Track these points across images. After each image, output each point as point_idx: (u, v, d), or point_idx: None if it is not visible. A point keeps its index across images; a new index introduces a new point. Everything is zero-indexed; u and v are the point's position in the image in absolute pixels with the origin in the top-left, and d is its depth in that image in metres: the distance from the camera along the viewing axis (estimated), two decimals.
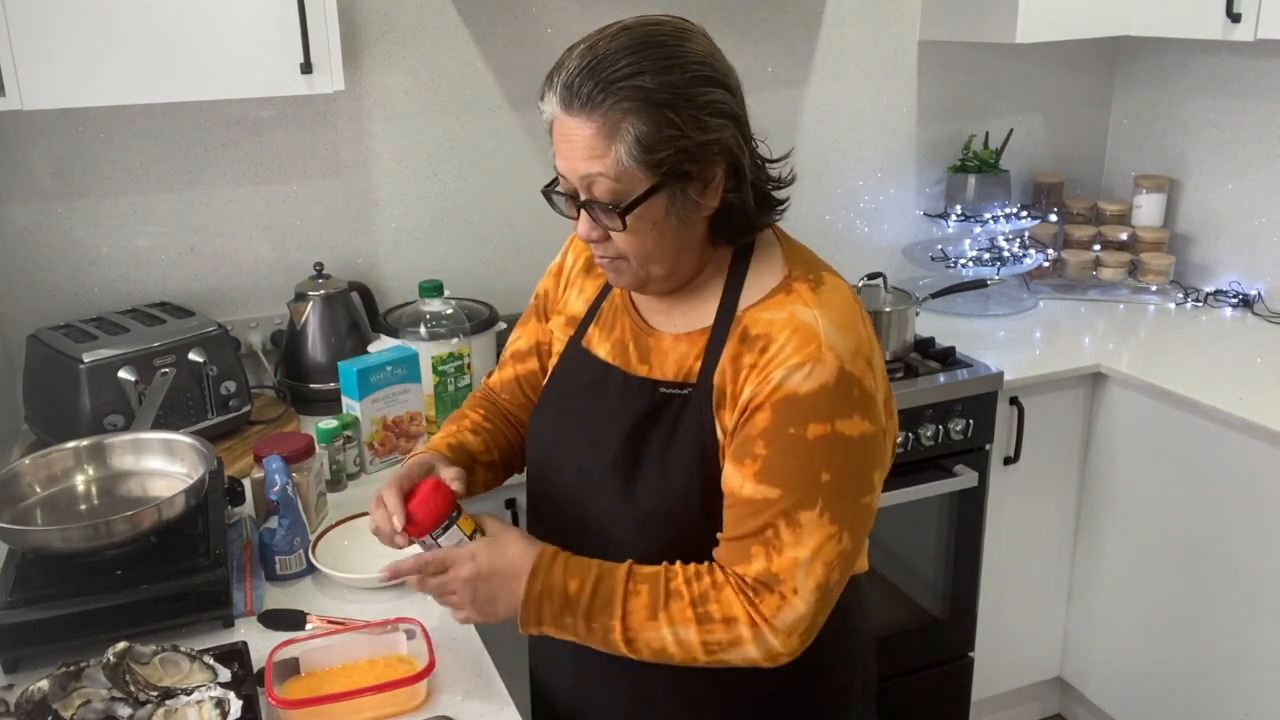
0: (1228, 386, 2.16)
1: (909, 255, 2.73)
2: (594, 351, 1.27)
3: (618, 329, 1.25)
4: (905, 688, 2.40)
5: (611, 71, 1.05)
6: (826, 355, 1.08)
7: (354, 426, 1.83)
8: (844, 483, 1.10)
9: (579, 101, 1.06)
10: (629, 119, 1.05)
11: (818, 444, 1.08)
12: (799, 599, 1.09)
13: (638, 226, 1.10)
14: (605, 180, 1.07)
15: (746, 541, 1.11)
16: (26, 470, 1.49)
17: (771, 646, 1.10)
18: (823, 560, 1.09)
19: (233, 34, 1.75)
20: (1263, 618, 2.09)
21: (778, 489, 1.09)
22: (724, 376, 1.14)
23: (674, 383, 1.18)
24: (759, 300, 1.15)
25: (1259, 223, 2.61)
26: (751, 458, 1.10)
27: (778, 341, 1.11)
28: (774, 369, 1.09)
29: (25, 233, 2.04)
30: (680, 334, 1.19)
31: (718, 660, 1.12)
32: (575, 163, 1.09)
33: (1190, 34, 2.37)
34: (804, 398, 1.08)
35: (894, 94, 2.70)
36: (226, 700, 1.18)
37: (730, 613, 1.10)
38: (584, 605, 1.12)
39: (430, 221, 2.33)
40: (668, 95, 1.05)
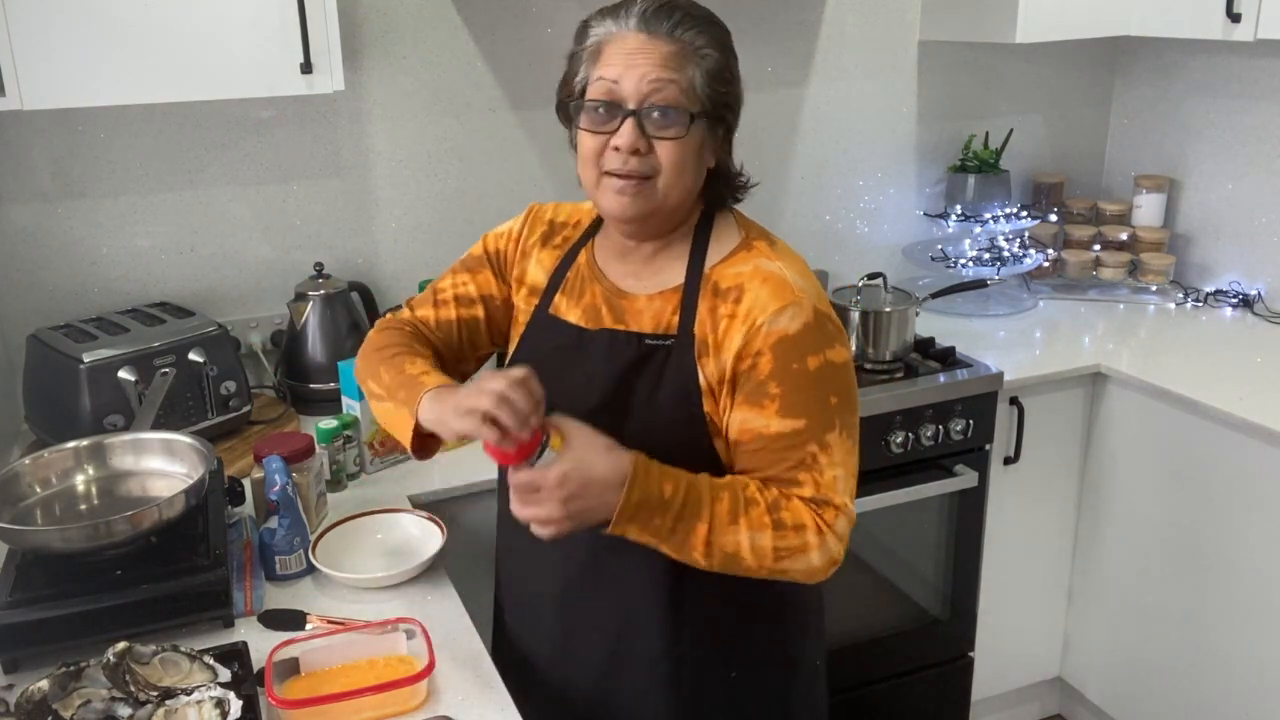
0: (1228, 386, 2.16)
1: (909, 255, 2.73)
2: (564, 318, 1.35)
3: (588, 295, 1.34)
4: (905, 688, 2.40)
5: (693, 12, 1.22)
6: (801, 298, 1.23)
7: (354, 426, 1.83)
8: (845, 402, 1.25)
9: (664, 26, 1.20)
10: (706, 50, 1.21)
11: (818, 373, 1.22)
12: (846, 509, 1.24)
13: (681, 142, 1.21)
14: (674, 89, 1.20)
15: (792, 471, 1.22)
16: (26, 470, 1.49)
17: (833, 553, 1.23)
18: (849, 472, 1.25)
19: (233, 34, 1.75)
20: (1263, 617, 2.09)
21: (802, 419, 1.22)
22: (703, 327, 1.26)
23: (656, 335, 1.28)
24: (723, 259, 1.28)
25: (1259, 223, 2.61)
26: (769, 398, 1.22)
27: (751, 291, 1.24)
28: (758, 317, 1.22)
29: (25, 233, 2.04)
30: (654, 293, 1.30)
31: (781, 569, 1.21)
32: (646, 69, 1.19)
33: (1190, 34, 2.37)
34: (795, 336, 1.22)
35: (894, 94, 2.70)
36: (226, 700, 1.18)
37: (800, 520, 1.21)
38: (676, 508, 1.18)
39: (430, 221, 2.33)
40: (730, 48, 1.25)
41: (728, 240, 1.31)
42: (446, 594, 1.50)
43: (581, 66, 1.25)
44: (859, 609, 2.33)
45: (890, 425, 2.16)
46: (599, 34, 1.23)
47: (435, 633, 1.34)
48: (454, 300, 1.45)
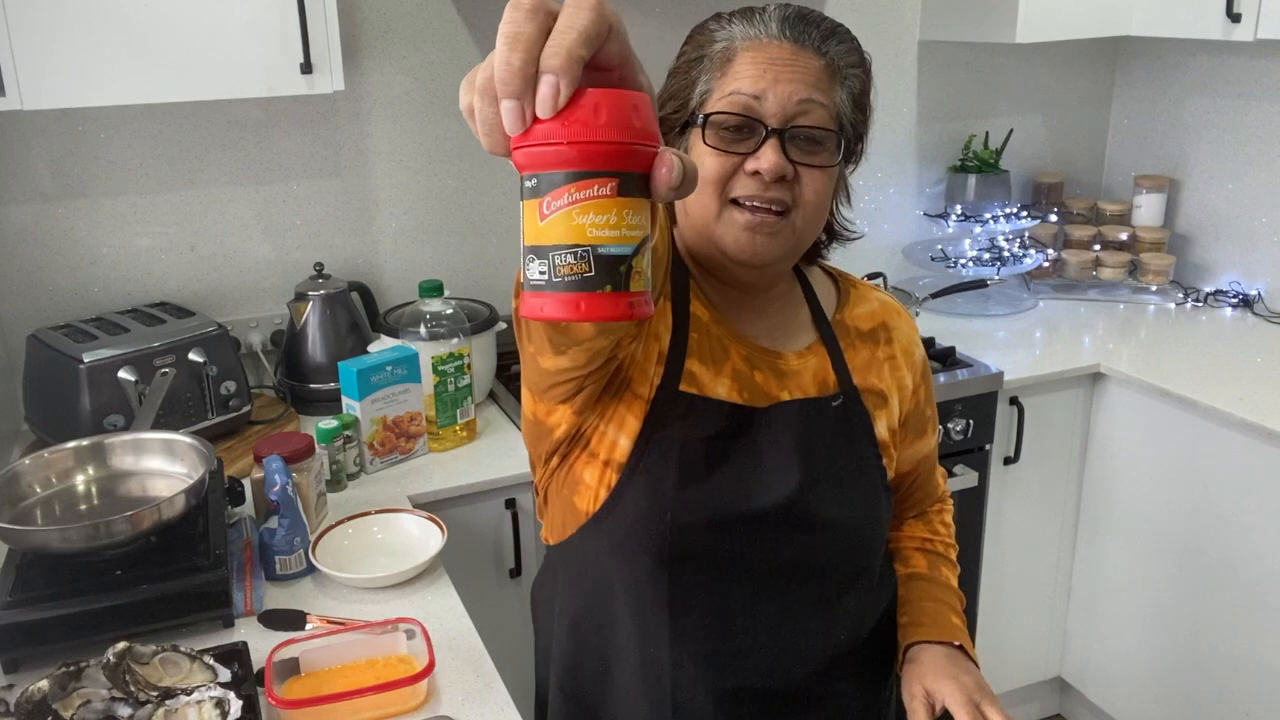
0: (1228, 386, 2.16)
1: (909, 255, 2.73)
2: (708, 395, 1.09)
3: (730, 360, 1.11)
4: None
5: (838, 27, 1.07)
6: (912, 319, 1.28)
7: (354, 426, 1.83)
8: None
9: (813, 37, 1.04)
10: (854, 72, 1.07)
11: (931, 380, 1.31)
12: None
13: (831, 172, 1.06)
14: (824, 112, 1.03)
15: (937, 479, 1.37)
16: (26, 470, 1.49)
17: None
18: None
19: (233, 34, 1.75)
20: (1263, 617, 2.09)
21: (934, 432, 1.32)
22: (871, 377, 1.19)
23: (833, 396, 1.14)
24: (843, 303, 1.22)
25: (1259, 223, 2.61)
26: (930, 422, 1.29)
27: (896, 327, 1.23)
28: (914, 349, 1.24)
29: (25, 233, 2.04)
30: (802, 350, 1.15)
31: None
32: (796, 86, 1.02)
33: (1190, 34, 2.37)
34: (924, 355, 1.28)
35: (894, 94, 2.70)
36: (226, 700, 1.18)
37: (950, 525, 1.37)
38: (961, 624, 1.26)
39: (430, 221, 2.33)
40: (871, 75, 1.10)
41: (824, 282, 1.23)
42: (446, 594, 1.50)
43: (702, 76, 1.06)
44: None
45: None
46: (728, 39, 1.05)
47: (435, 633, 1.34)
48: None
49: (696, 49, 1.08)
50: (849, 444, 1.14)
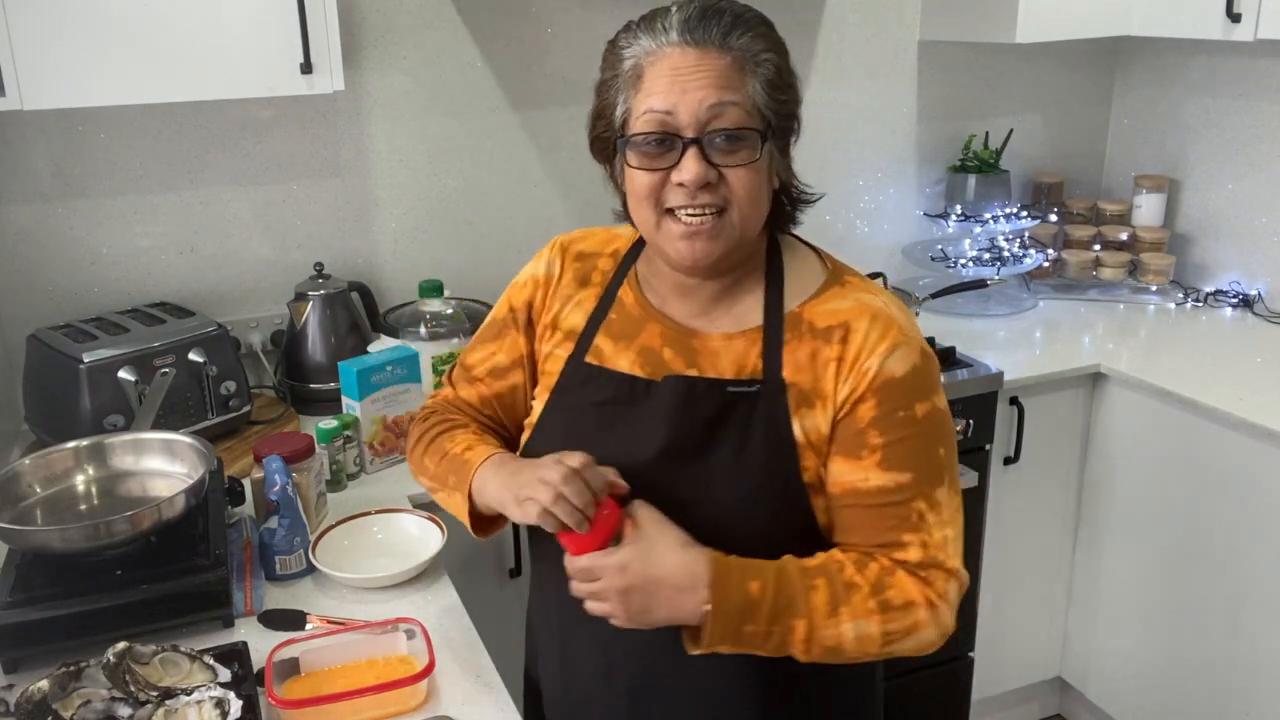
0: (1228, 386, 2.16)
1: (909, 255, 2.73)
2: (610, 366, 1.18)
3: (642, 336, 1.18)
4: (905, 688, 2.40)
5: (743, 14, 1.07)
6: (910, 338, 1.12)
7: (354, 426, 1.83)
8: (951, 454, 1.13)
9: (714, 34, 1.05)
10: (764, 56, 1.06)
11: (926, 422, 1.10)
12: (960, 574, 1.11)
13: (752, 166, 1.07)
14: (737, 110, 1.05)
15: (894, 532, 1.09)
16: (26, 470, 1.49)
17: (945, 624, 1.10)
18: (958, 530, 1.12)
19: (233, 34, 1.75)
20: (1263, 618, 2.09)
21: (908, 472, 1.09)
22: (804, 374, 1.12)
23: (740, 381, 1.13)
24: (814, 295, 1.15)
25: (1259, 223, 2.61)
26: (869, 449, 1.09)
27: (859, 330, 1.11)
28: (868, 359, 1.10)
29: (25, 233, 2.04)
30: (732, 333, 1.15)
31: (888, 651, 1.09)
32: (702, 92, 1.04)
33: (1190, 34, 2.37)
34: (902, 380, 1.10)
35: (894, 94, 2.70)
36: (226, 700, 1.18)
37: (908, 597, 1.07)
38: (767, 608, 1.05)
39: (430, 221, 2.33)
40: (785, 48, 1.09)
41: (810, 272, 1.17)
42: (446, 594, 1.50)
43: (619, 96, 1.09)
44: None
45: None
46: (635, 55, 1.07)
47: (435, 633, 1.34)
48: (488, 375, 1.30)
49: (610, 69, 1.11)
50: (750, 431, 1.11)
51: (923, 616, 1.08)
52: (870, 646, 1.07)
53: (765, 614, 1.05)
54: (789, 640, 1.06)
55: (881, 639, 1.07)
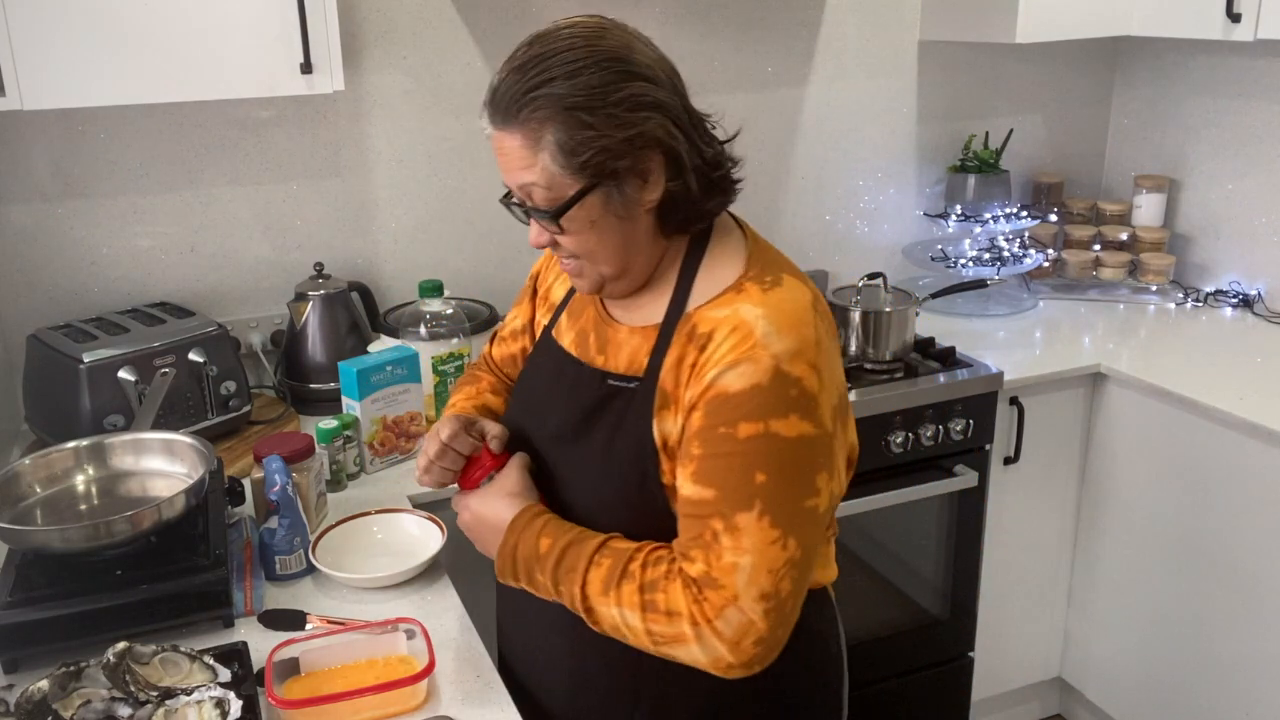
0: (1228, 386, 2.16)
1: (909, 255, 2.73)
2: (559, 340, 1.29)
3: (584, 318, 1.26)
4: (905, 688, 2.40)
5: (524, 82, 1.06)
6: (760, 354, 1.06)
7: (354, 426, 1.83)
8: (783, 484, 1.06)
9: (500, 116, 1.08)
10: (546, 127, 1.06)
11: (749, 444, 1.06)
12: (742, 605, 1.05)
13: (575, 228, 1.11)
14: (538, 189, 1.09)
15: (690, 543, 1.09)
16: (26, 470, 1.49)
17: (717, 652, 1.06)
18: (766, 568, 1.05)
19: (233, 34, 1.75)
20: (1263, 618, 2.09)
21: (712, 489, 1.07)
22: (669, 377, 1.13)
23: (622, 376, 1.18)
24: (710, 299, 1.13)
25: (1259, 223, 2.61)
26: (689, 458, 1.09)
27: (716, 339, 1.09)
28: (708, 368, 1.08)
29: (25, 233, 2.04)
30: (636, 327, 1.19)
31: (665, 653, 1.10)
32: (511, 174, 1.11)
33: (1190, 34, 2.37)
34: (734, 396, 1.06)
35: (894, 94, 2.70)
36: (226, 700, 1.18)
37: (675, 607, 1.07)
38: (551, 565, 1.14)
39: (430, 221, 2.33)
40: (580, 98, 1.05)
41: (724, 274, 1.15)
42: (446, 594, 1.50)
43: None
44: (859, 609, 2.33)
45: (890, 425, 2.16)
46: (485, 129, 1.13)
47: (435, 633, 1.34)
48: (509, 336, 1.45)
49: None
50: (621, 426, 1.15)
51: (687, 631, 1.06)
52: (639, 639, 1.10)
53: (549, 569, 1.14)
54: (575, 603, 1.13)
55: (647, 635, 1.09)
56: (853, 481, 2.15)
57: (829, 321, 1.15)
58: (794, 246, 2.69)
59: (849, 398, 1.21)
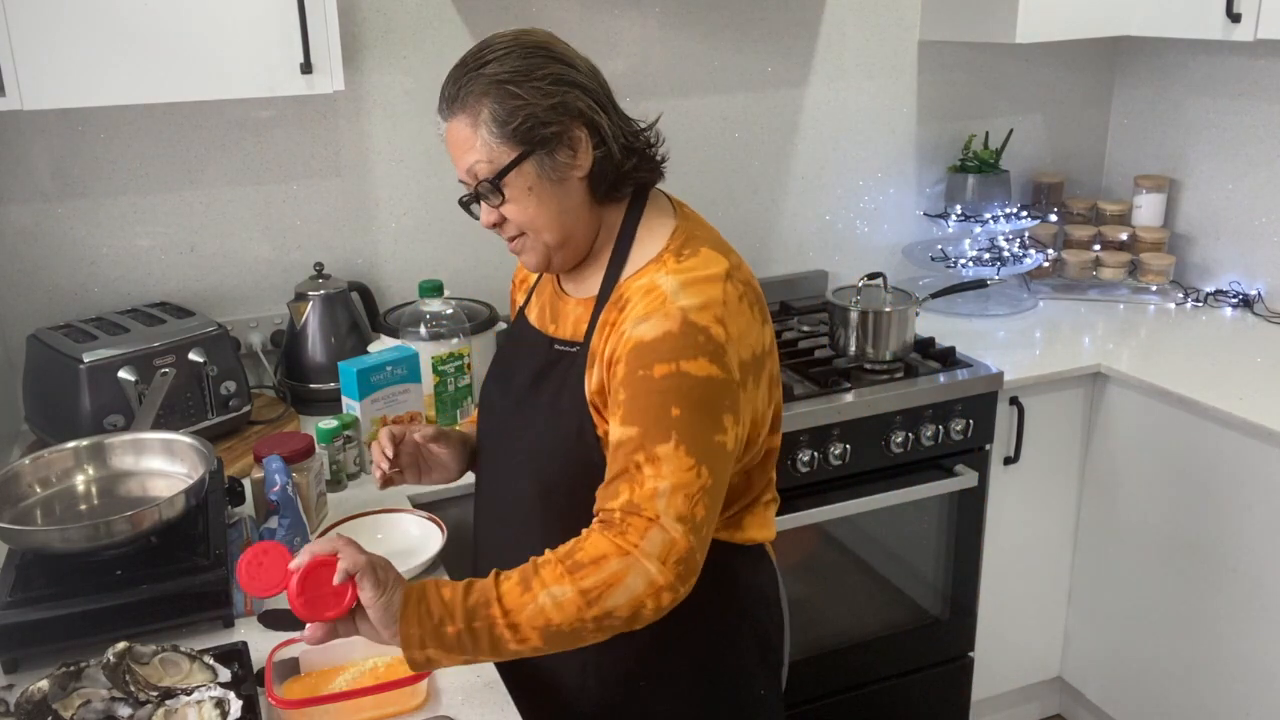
0: (1228, 386, 2.16)
1: (909, 255, 2.73)
2: (528, 317, 1.43)
3: (545, 295, 1.41)
4: (905, 688, 2.40)
5: (464, 70, 1.22)
6: (670, 307, 1.19)
7: (354, 426, 1.83)
8: (695, 418, 1.17)
9: (445, 105, 1.24)
10: (483, 102, 1.20)
11: (664, 381, 1.17)
12: (664, 524, 1.14)
13: (516, 195, 1.23)
14: (482, 163, 1.22)
15: (616, 481, 1.18)
16: (26, 470, 1.49)
17: (649, 574, 1.13)
18: (684, 492, 1.15)
19: (233, 34, 1.75)
20: (1262, 618, 2.09)
21: (636, 427, 1.17)
22: (597, 339, 1.26)
23: (566, 341, 1.32)
24: (637, 270, 1.27)
25: (1259, 223, 2.61)
26: (617, 405, 1.20)
27: (632, 301, 1.22)
28: (625, 325, 1.21)
29: (25, 233, 2.04)
30: (580, 299, 1.33)
31: (602, 610, 1.13)
32: (460, 160, 1.24)
33: (1190, 34, 2.37)
34: (649, 343, 1.18)
35: (894, 94, 2.70)
36: (226, 700, 1.18)
37: (598, 552, 1.14)
38: (459, 606, 1.13)
39: (430, 221, 2.33)
40: (509, 74, 1.20)
41: (650, 249, 1.28)
42: None
43: None
44: (859, 609, 2.33)
45: (890, 425, 2.16)
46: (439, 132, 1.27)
47: None
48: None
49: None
50: (564, 387, 1.29)
51: (617, 566, 1.13)
52: (576, 609, 1.12)
53: (460, 612, 1.12)
54: (495, 631, 1.12)
55: (581, 598, 1.12)
56: (853, 481, 2.18)
57: (748, 289, 1.25)
58: (794, 246, 2.69)
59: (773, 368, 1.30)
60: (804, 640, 2.24)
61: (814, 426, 2.09)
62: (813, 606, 2.25)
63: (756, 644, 1.41)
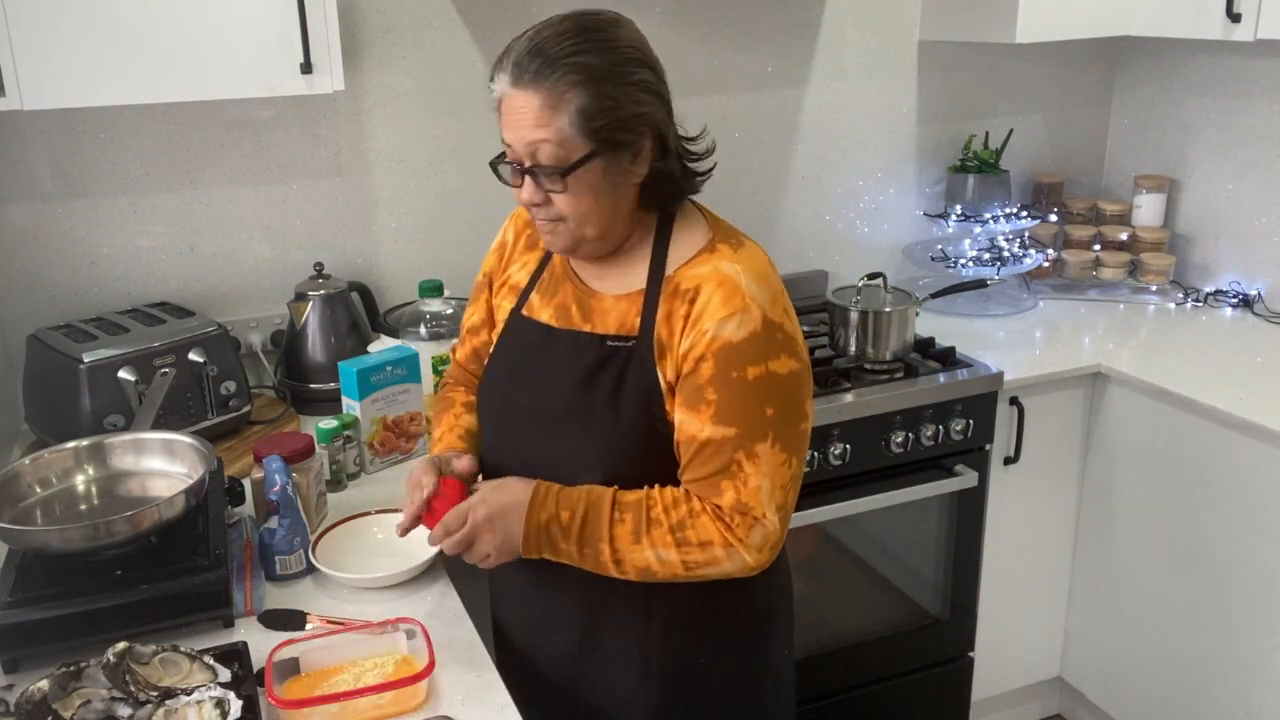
0: (1228, 386, 2.16)
1: (909, 255, 2.73)
2: (535, 317, 1.40)
3: (560, 294, 1.38)
4: (905, 688, 2.40)
5: (556, 50, 1.20)
6: (750, 305, 1.24)
7: (354, 426, 1.83)
8: (785, 414, 1.26)
9: (528, 76, 1.20)
10: (572, 91, 1.19)
11: (758, 384, 1.24)
12: (767, 520, 1.26)
13: (577, 188, 1.24)
14: (549, 146, 1.21)
15: (716, 478, 1.26)
16: (26, 470, 1.49)
17: (744, 562, 1.27)
18: (780, 484, 1.27)
19: (233, 34, 1.75)
20: (1263, 618, 2.09)
21: (733, 428, 1.24)
22: (662, 330, 1.28)
23: (618, 336, 1.31)
24: (687, 261, 1.29)
25: (1259, 223, 2.61)
26: (705, 404, 1.24)
27: (705, 294, 1.25)
28: (706, 322, 1.24)
29: (25, 233, 2.04)
30: (620, 295, 1.33)
31: (697, 575, 1.28)
32: (523, 131, 1.22)
33: (1190, 34, 2.37)
34: (739, 344, 1.23)
35: (894, 94, 2.70)
36: (226, 700, 1.18)
37: (706, 537, 1.26)
38: (575, 533, 1.27)
39: (430, 221, 2.33)
40: (606, 71, 1.20)
41: (693, 241, 1.31)
42: (446, 594, 1.51)
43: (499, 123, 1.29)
44: (859, 609, 2.33)
45: (890, 425, 2.16)
46: (495, 91, 1.25)
47: (435, 633, 1.34)
48: (468, 334, 1.55)
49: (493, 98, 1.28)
50: (624, 378, 1.29)
51: (719, 554, 1.26)
52: (676, 569, 1.27)
53: (575, 536, 1.27)
54: (600, 560, 1.28)
55: (683, 566, 1.27)
56: (853, 481, 2.18)
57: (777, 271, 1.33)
58: (794, 246, 2.69)
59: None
60: (804, 640, 2.24)
61: (814, 426, 2.08)
62: (813, 606, 2.25)
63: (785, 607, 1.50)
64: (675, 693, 1.40)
